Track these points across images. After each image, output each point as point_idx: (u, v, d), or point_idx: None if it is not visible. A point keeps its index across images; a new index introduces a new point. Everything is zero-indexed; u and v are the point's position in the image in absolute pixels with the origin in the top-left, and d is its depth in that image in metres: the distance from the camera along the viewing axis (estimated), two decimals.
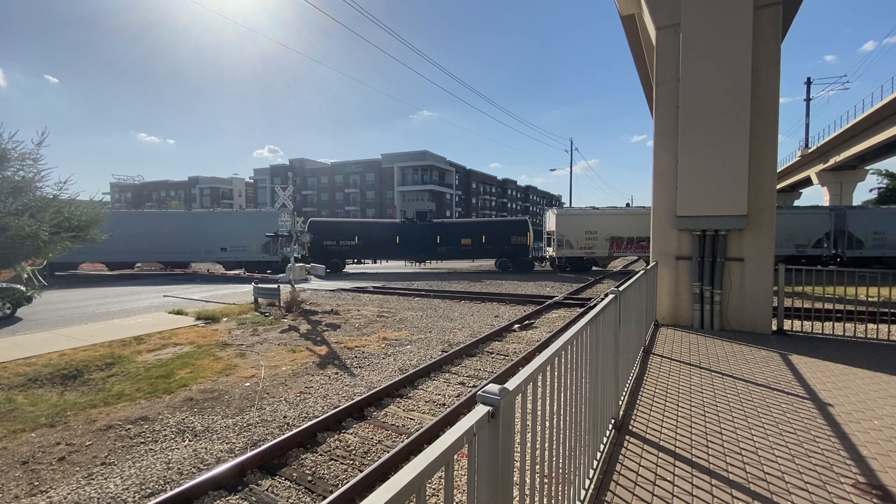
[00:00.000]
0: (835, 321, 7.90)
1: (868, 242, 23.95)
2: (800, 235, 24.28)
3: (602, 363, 3.09)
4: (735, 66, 7.39)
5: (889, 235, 24.03)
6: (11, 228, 7.78)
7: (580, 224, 25.02)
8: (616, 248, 24.79)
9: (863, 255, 24.04)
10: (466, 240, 26.37)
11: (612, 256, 25.10)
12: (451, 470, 1.18)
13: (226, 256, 25.81)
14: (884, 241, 24.00)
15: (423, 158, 59.18)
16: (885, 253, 24.17)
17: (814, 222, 24.37)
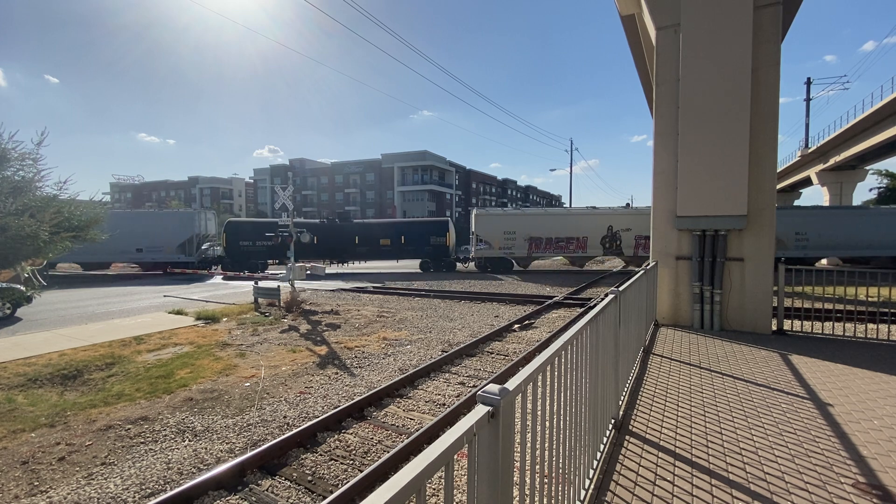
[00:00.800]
0: (835, 321, 7.89)
1: (790, 243, 23.93)
2: None
3: (602, 363, 3.09)
4: (735, 66, 7.39)
5: (811, 236, 23.94)
6: (11, 228, 7.78)
7: (500, 224, 25.09)
8: (535, 248, 24.90)
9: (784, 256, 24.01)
10: (385, 240, 26.23)
11: (532, 257, 25.18)
12: (451, 470, 1.17)
13: (142, 257, 25.75)
14: (806, 242, 23.97)
15: (423, 158, 59.18)
16: (807, 254, 24.12)
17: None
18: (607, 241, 24.73)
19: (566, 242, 24.93)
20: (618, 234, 24.71)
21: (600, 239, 24.72)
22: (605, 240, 24.73)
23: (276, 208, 19.82)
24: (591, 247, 24.87)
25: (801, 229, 23.98)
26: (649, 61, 12.54)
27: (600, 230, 24.77)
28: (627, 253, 24.77)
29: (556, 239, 24.78)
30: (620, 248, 24.73)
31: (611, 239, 24.72)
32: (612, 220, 24.95)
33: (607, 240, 24.73)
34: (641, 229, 24.29)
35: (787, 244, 23.89)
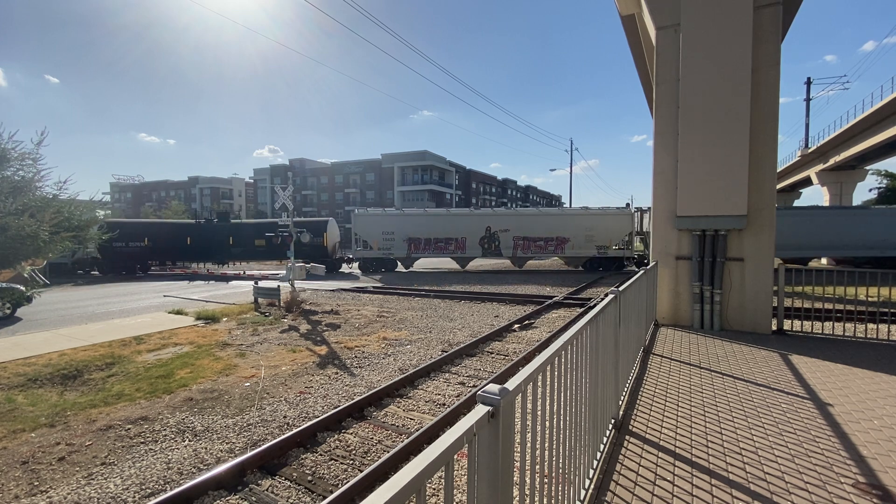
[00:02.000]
0: (835, 321, 7.90)
1: None
2: (601, 237, 24.46)
3: (602, 363, 3.09)
4: (735, 66, 7.39)
5: None
6: (11, 228, 7.78)
7: (378, 225, 25.17)
8: (414, 248, 24.99)
9: None
10: (260, 241, 25.91)
11: (411, 257, 25.25)
12: (451, 470, 1.18)
13: None
14: None
15: (423, 158, 59.18)
16: None
17: (617, 224, 24.53)
18: (486, 241, 25.00)
19: (445, 243, 25.13)
20: (496, 235, 24.95)
21: (479, 239, 24.98)
22: (484, 240, 25.00)
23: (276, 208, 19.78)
24: (469, 247, 25.11)
25: None
26: (649, 61, 12.54)
27: (479, 231, 25.02)
28: (506, 254, 25.05)
29: (435, 240, 24.94)
30: (499, 248, 25.01)
31: (489, 240, 25.00)
32: (490, 221, 25.23)
33: (486, 240, 25.00)
34: (521, 230, 24.70)
35: None
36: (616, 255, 24.45)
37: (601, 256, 24.48)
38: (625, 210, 25.31)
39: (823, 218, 23.94)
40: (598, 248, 24.46)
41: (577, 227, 24.61)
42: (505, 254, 25.02)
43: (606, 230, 24.43)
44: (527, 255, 25.16)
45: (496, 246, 24.96)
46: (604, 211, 25.66)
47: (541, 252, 25.21)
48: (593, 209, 26.15)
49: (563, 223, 24.96)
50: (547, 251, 25.11)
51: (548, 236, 24.78)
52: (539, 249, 25.07)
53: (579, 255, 24.87)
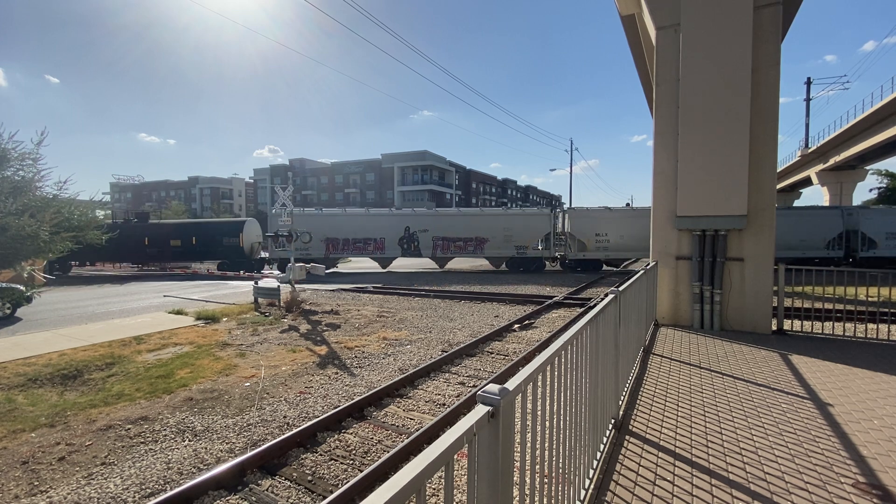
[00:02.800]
0: (835, 321, 7.90)
1: (591, 245, 24.25)
2: (519, 237, 24.57)
3: (602, 363, 3.09)
4: (735, 66, 7.39)
5: (611, 236, 24.17)
6: (12, 228, 7.79)
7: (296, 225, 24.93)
8: (332, 249, 24.92)
9: (585, 258, 24.41)
10: (176, 241, 25.85)
11: (330, 258, 25.14)
12: (451, 470, 1.18)
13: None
14: (607, 243, 24.25)
15: (423, 158, 59.18)
16: (609, 256, 24.56)
17: (535, 224, 24.68)
18: (405, 241, 25.02)
19: (364, 243, 25.09)
20: (415, 235, 24.97)
21: (398, 240, 24.99)
22: (403, 240, 25.02)
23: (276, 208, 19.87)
24: (389, 247, 25.09)
25: (601, 230, 24.32)
26: (649, 61, 12.54)
27: (398, 231, 25.02)
28: (426, 254, 25.10)
29: (353, 240, 24.88)
30: (419, 248, 25.04)
31: (408, 240, 25.01)
32: (409, 222, 25.21)
33: (405, 241, 25.02)
34: (440, 230, 24.81)
35: (588, 245, 24.25)
36: (535, 256, 24.68)
37: (521, 256, 24.68)
38: (543, 211, 25.61)
39: None
40: (517, 249, 24.61)
41: (496, 227, 24.74)
42: (425, 254, 25.12)
43: (525, 230, 24.63)
44: (446, 255, 25.25)
45: (415, 246, 25.02)
46: (522, 212, 26.09)
47: (460, 252, 25.32)
48: (512, 210, 26.54)
49: (482, 223, 25.09)
50: (466, 251, 25.25)
51: (467, 236, 24.92)
52: (458, 249, 25.17)
53: (499, 255, 25.04)
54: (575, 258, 24.50)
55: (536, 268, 24.90)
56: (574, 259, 24.54)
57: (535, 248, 24.71)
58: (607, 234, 24.05)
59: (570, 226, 24.36)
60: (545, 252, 24.70)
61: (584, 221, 24.37)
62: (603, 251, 24.27)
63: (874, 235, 22.76)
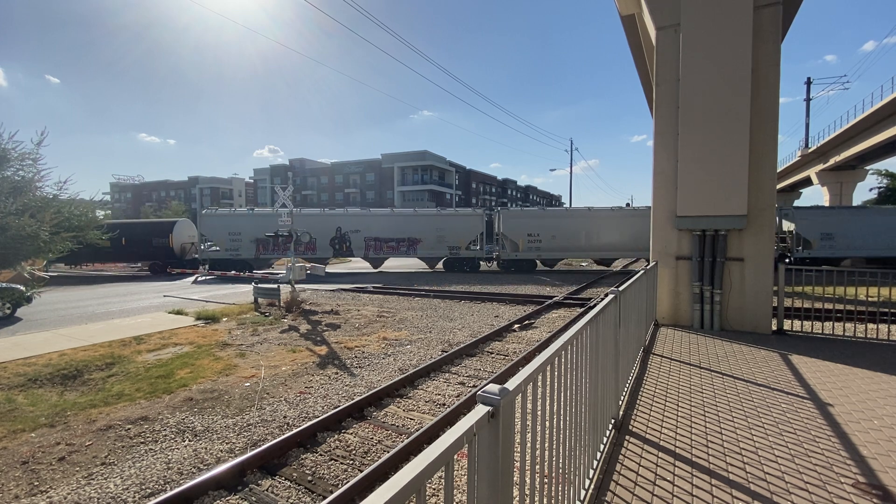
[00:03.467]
0: (835, 321, 7.90)
1: (523, 245, 24.38)
2: (452, 238, 24.71)
3: (602, 363, 3.09)
4: (735, 66, 7.39)
5: (543, 237, 24.31)
6: (12, 228, 7.78)
7: (225, 225, 24.96)
8: (263, 249, 24.84)
9: (518, 258, 24.51)
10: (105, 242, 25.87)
11: (260, 258, 25.12)
12: (451, 470, 1.18)
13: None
14: (539, 243, 24.40)
15: (423, 158, 59.16)
16: (541, 256, 24.69)
17: (467, 224, 24.80)
18: (336, 242, 25.06)
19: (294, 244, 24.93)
20: (347, 236, 25.02)
21: (329, 240, 25.02)
22: (335, 241, 25.06)
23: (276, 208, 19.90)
24: (320, 248, 25.09)
25: (532, 230, 24.47)
26: (649, 61, 12.54)
27: (329, 231, 25.02)
28: (358, 254, 25.17)
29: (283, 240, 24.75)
30: (351, 249, 25.10)
31: (340, 240, 25.05)
32: (340, 222, 25.23)
33: (336, 241, 25.06)
34: (372, 231, 24.89)
35: (521, 245, 24.37)
36: (469, 256, 24.81)
37: (454, 257, 24.78)
38: (476, 212, 25.75)
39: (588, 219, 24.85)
40: (450, 249, 24.73)
41: (429, 227, 24.83)
42: (357, 254, 25.19)
43: (457, 231, 24.75)
44: (379, 255, 25.29)
45: (347, 246, 25.09)
46: (455, 212, 26.25)
47: (393, 252, 25.36)
48: (445, 211, 26.62)
49: (415, 224, 25.17)
50: (400, 251, 25.30)
51: (399, 237, 25.00)
52: (391, 250, 25.22)
53: (432, 256, 25.14)
54: (508, 258, 24.70)
55: (472, 268, 25.09)
56: (507, 259, 24.75)
57: (472, 248, 24.86)
58: (539, 234, 24.29)
59: (503, 227, 24.56)
60: (479, 252, 24.85)
61: (516, 222, 24.55)
62: (535, 251, 24.50)
63: (809, 236, 22.90)
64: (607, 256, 25.37)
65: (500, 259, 25.07)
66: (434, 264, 25.60)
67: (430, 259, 25.50)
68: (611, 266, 26.62)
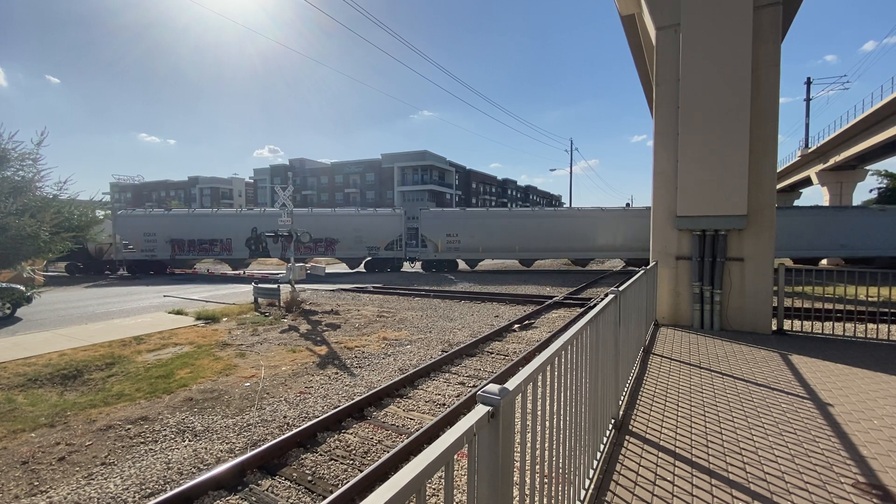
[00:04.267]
0: (835, 321, 7.90)
1: (442, 245, 24.50)
2: (370, 238, 24.81)
3: (602, 363, 3.08)
4: (735, 66, 7.39)
5: (463, 238, 24.36)
6: (12, 228, 7.78)
7: (140, 226, 24.98)
8: (178, 250, 24.89)
9: (437, 258, 24.58)
10: None
11: (176, 259, 25.13)
12: (451, 470, 1.17)
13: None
14: (458, 244, 24.46)
15: (423, 158, 59.15)
16: (461, 256, 24.81)
17: (386, 225, 24.88)
18: (252, 242, 25.16)
19: (210, 244, 25.16)
20: (262, 236, 24.98)
21: (245, 241, 25.08)
22: (251, 241, 25.15)
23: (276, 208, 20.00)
24: (236, 248, 25.17)
25: (453, 231, 24.55)
26: (649, 61, 12.54)
27: (245, 232, 25.08)
28: (275, 255, 25.23)
29: (199, 241, 24.88)
30: (267, 249, 25.17)
31: (256, 241, 25.17)
32: (256, 222, 25.27)
33: (252, 241, 25.16)
34: None
35: (440, 246, 24.52)
36: (388, 256, 24.85)
37: (374, 257, 24.84)
38: (395, 212, 25.80)
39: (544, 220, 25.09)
40: (369, 249, 24.76)
41: (347, 228, 24.83)
42: (273, 255, 25.22)
43: (376, 231, 24.81)
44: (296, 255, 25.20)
45: (263, 247, 25.18)
46: (374, 212, 26.31)
47: (311, 252, 25.38)
48: (364, 211, 26.73)
49: (333, 224, 25.18)
50: (317, 252, 25.33)
51: (317, 237, 24.99)
52: (309, 250, 25.26)
53: (351, 256, 25.18)
54: (427, 258, 24.81)
55: (393, 268, 25.13)
56: (426, 259, 24.86)
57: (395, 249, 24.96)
58: (458, 235, 24.39)
59: (422, 227, 24.65)
60: (398, 252, 24.89)
61: (435, 223, 24.61)
62: (454, 252, 24.62)
63: None
64: (529, 257, 25.48)
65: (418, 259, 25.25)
66: (355, 265, 25.52)
67: (351, 260, 25.45)
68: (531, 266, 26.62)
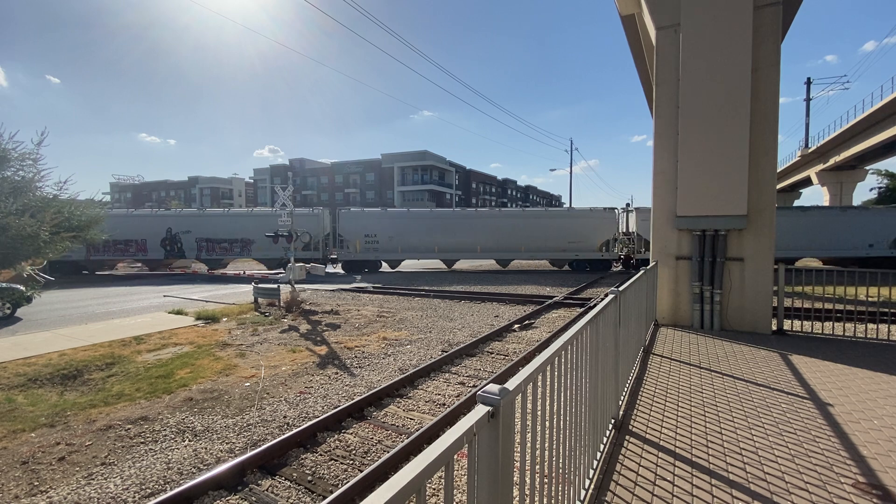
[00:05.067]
0: (835, 321, 7.89)
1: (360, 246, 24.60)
2: None
3: (602, 363, 3.08)
4: (735, 66, 7.39)
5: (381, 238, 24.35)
6: (12, 229, 7.77)
7: None
8: (93, 251, 24.60)
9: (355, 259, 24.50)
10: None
11: (91, 260, 24.83)
12: (451, 470, 1.18)
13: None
14: (377, 244, 24.53)
15: (423, 158, 59.16)
16: (379, 256, 24.75)
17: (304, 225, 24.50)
18: (167, 242, 25.10)
19: (125, 245, 25.05)
20: (178, 237, 25.05)
21: (161, 241, 25.04)
22: (166, 242, 25.09)
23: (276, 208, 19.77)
24: (151, 249, 25.07)
25: (371, 232, 24.56)
26: (649, 61, 12.54)
27: (160, 232, 25.02)
28: (191, 255, 25.23)
29: (114, 241, 24.55)
30: (182, 250, 25.12)
31: (171, 241, 25.10)
32: (171, 223, 25.24)
33: (167, 242, 25.09)
34: (204, 232, 24.96)
35: (358, 247, 24.57)
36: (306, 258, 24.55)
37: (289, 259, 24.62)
38: (314, 212, 25.65)
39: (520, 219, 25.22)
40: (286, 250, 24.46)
41: (262, 228, 24.43)
42: (189, 255, 25.19)
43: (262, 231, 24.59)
44: (212, 256, 25.32)
45: (179, 247, 25.13)
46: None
47: (226, 254, 25.34)
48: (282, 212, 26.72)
49: (248, 224, 25.08)
50: (233, 252, 25.28)
51: (232, 238, 24.97)
52: (224, 251, 25.23)
53: (267, 258, 25.07)
54: (346, 259, 24.81)
55: None
56: (346, 260, 24.86)
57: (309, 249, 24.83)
58: (377, 235, 24.47)
59: (341, 228, 24.67)
60: (314, 253, 24.81)
61: (353, 223, 24.60)
62: (374, 252, 24.67)
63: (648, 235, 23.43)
64: (450, 258, 25.60)
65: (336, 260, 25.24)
66: (273, 265, 25.41)
67: (267, 260, 25.39)
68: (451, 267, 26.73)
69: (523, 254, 25.01)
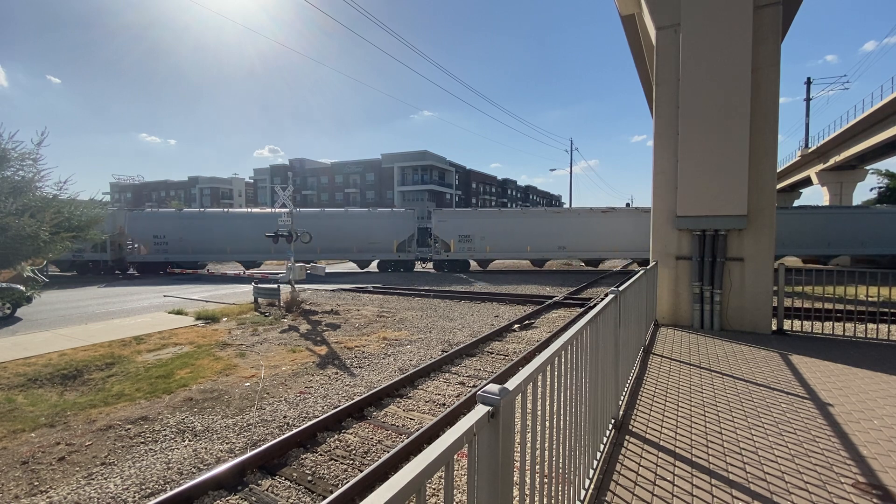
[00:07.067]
0: (835, 321, 7.90)
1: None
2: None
3: (602, 363, 3.08)
4: (735, 66, 7.39)
5: (170, 239, 24.16)
6: (12, 229, 7.78)
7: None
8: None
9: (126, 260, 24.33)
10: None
11: None
12: (451, 470, 1.18)
13: None
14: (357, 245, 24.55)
15: (423, 158, 59.14)
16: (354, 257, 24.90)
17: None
18: None
19: None
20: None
21: None
22: None
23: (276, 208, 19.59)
24: None
25: (160, 232, 24.31)
26: (649, 61, 12.54)
27: None
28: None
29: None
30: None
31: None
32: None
33: None
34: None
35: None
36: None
37: (76, 259, 24.38)
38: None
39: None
40: (73, 253, 24.26)
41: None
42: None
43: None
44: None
45: None
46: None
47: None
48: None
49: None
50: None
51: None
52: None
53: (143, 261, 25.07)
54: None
55: None
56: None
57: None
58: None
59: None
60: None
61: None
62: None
63: (446, 238, 23.93)
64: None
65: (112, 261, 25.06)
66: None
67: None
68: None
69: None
